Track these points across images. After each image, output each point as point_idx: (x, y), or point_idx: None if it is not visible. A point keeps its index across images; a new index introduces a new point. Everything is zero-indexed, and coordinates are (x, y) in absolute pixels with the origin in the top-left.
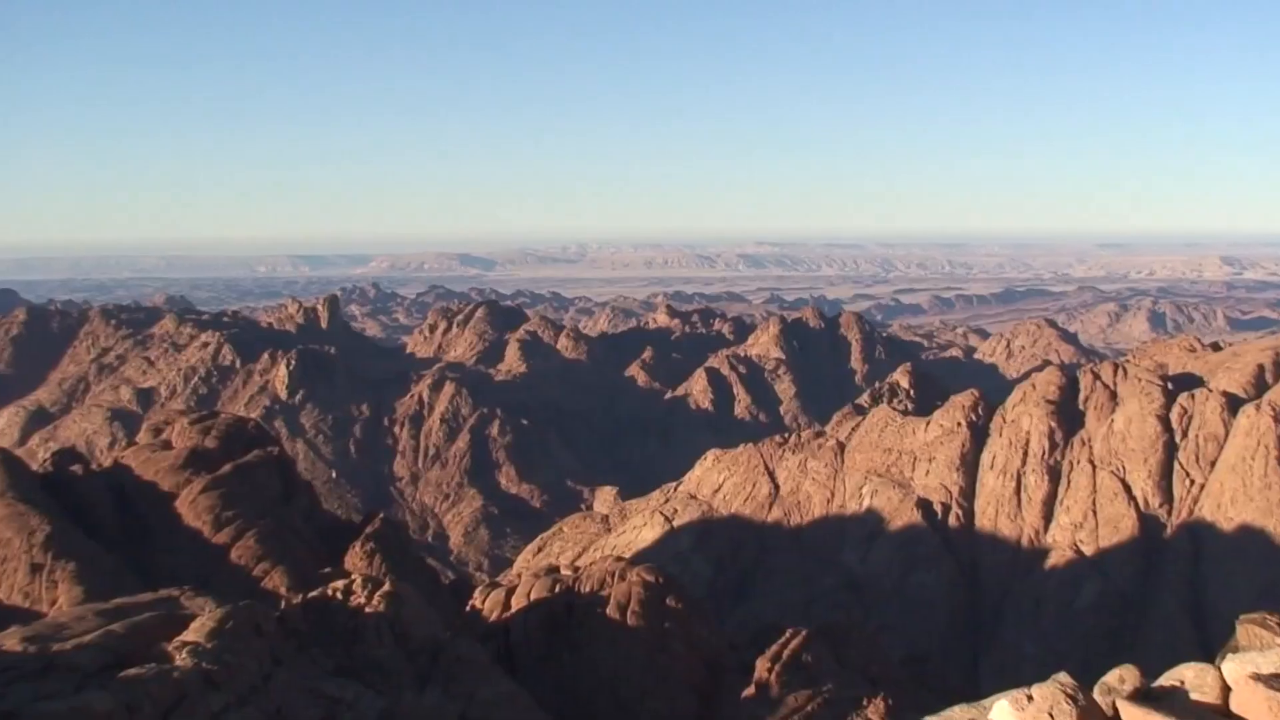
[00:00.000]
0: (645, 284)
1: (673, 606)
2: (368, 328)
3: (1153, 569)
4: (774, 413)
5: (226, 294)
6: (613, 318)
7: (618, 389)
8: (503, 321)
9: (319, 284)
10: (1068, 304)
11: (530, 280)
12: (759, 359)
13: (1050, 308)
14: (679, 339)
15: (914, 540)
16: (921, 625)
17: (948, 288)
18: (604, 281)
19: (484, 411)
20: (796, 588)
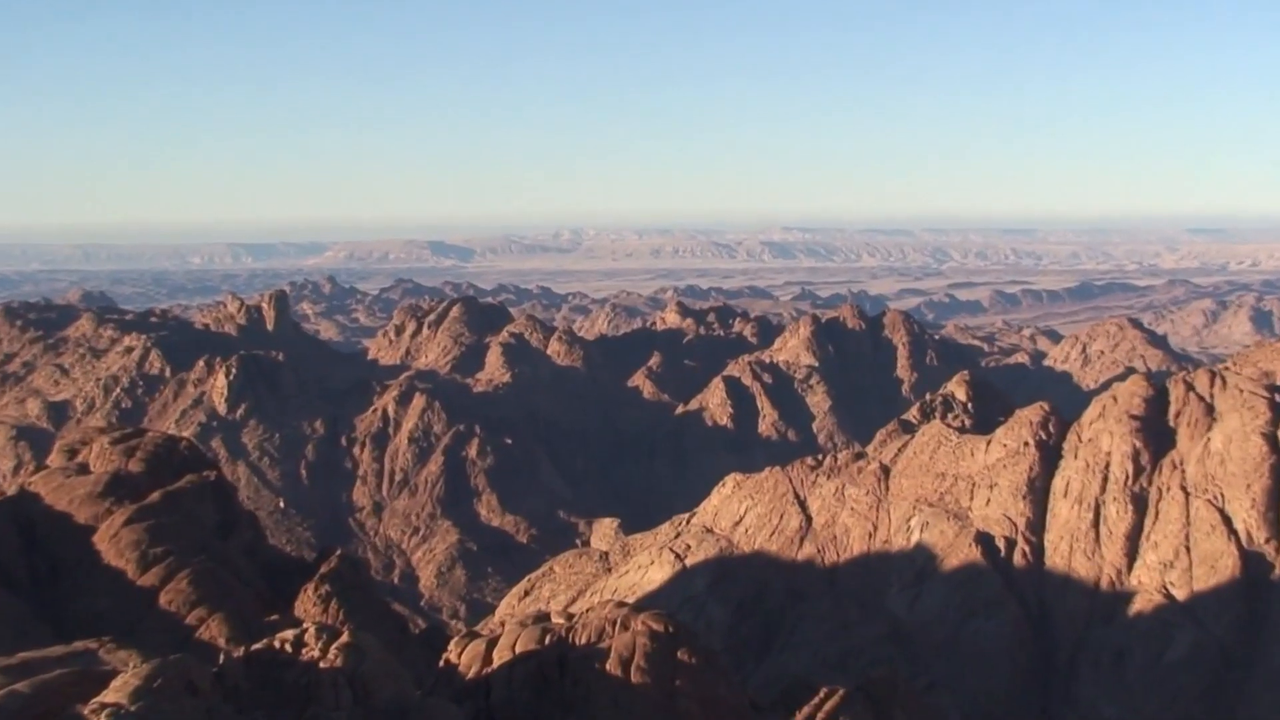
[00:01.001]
0: (651, 277)
1: (685, 660)
2: (322, 329)
3: (1258, 616)
4: (805, 430)
5: (154, 290)
6: (613, 317)
7: (619, 402)
8: (482, 322)
9: (264, 278)
10: (1155, 300)
11: (515, 273)
12: (787, 366)
13: (1134, 305)
14: (692, 342)
15: (972, 582)
16: (981, 682)
17: (1012, 281)
18: (603, 274)
19: (460, 429)
20: (832, 638)
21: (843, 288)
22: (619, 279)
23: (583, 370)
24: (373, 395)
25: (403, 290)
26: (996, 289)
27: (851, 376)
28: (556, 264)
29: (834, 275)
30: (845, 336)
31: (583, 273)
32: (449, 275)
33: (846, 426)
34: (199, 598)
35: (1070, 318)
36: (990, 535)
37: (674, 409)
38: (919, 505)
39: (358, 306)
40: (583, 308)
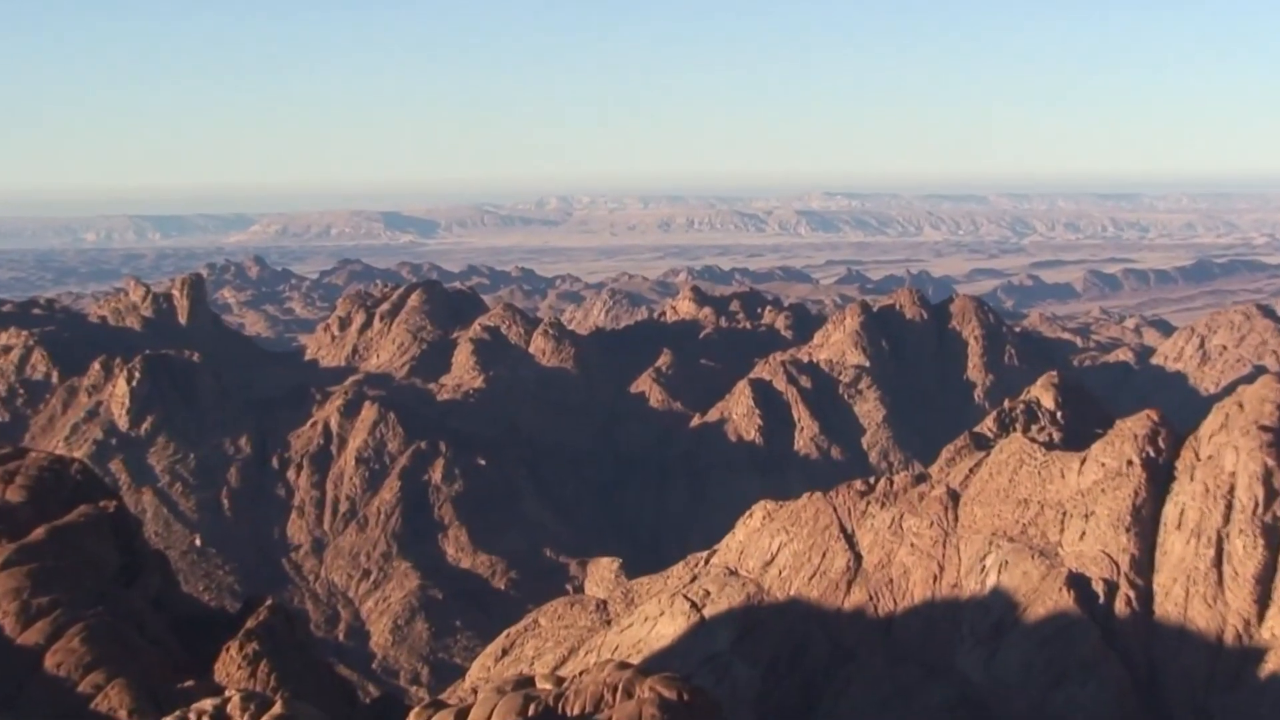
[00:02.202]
0: (660, 255)
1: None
2: (248, 323)
3: None
4: (853, 446)
5: (38, 274)
6: (612, 306)
7: (620, 412)
8: (448, 313)
9: (175, 258)
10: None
11: (489, 251)
12: (830, 367)
13: (1264, 288)
14: (710, 338)
15: (1063, 636)
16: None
17: (1111, 259)
18: (598, 252)
19: (421, 447)
20: (887, 706)
21: (899, 268)
22: (619, 258)
23: (574, 373)
24: (311, 405)
25: (348, 273)
26: (1091, 268)
27: (910, 379)
28: (541, 240)
29: (888, 253)
30: (902, 329)
31: (573, 251)
32: (406, 254)
33: (905, 442)
34: (95, 659)
35: (1184, 304)
36: (1085, 577)
37: (688, 421)
38: (996, 540)
39: (292, 294)
40: (574, 295)
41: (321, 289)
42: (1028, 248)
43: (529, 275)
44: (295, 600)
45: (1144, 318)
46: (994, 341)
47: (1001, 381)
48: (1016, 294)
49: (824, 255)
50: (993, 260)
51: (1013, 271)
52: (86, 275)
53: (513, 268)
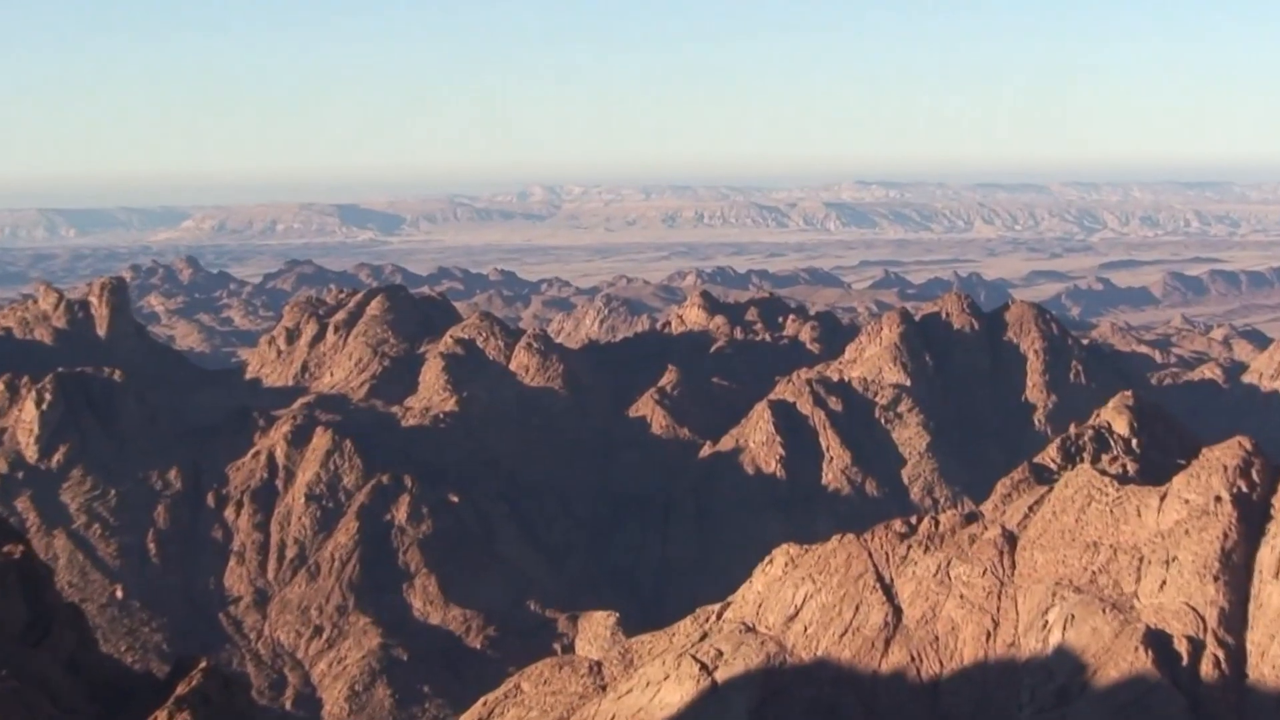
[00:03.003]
0: (664, 255)
1: None
2: (180, 334)
3: None
4: (891, 479)
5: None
6: (607, 315)
7: (617, 439)
8: (415, 322)
9: (94, 259)
10: None
11: (463, 251)
12: (865, 386)
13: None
14: (723, 351)
15: (1140, 702)
16: None
17: (1195, 259)
18: (592, 251)
19: (383, 480)
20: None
21: (945, 270)
22: (616, 258)
23: (563, 394)
24: (253, 432)
25: (297, 277)
26: (1172, 270)
27: (959, 401)
28: (524, 236)
29: (933, 251)
30: (950, 342)
31: (563, 250)
32: (365, 254)
33: (952, 475)
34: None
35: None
36: (1166, 634)
37: (697, 450)
38: (1061, 590)
39: (231, 301)
40: (563, 301)
41: (265, 295)
42: (1097, 245)
43: (510, 279)
44: (234, 662)
45: (1234, 328)
46: (1057, 356)
47: (1066, 403)
48: (1084, 300)
49: (857, 254)
50: (1056, 261)
51: (1079, 274)
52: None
53: (490, 270)
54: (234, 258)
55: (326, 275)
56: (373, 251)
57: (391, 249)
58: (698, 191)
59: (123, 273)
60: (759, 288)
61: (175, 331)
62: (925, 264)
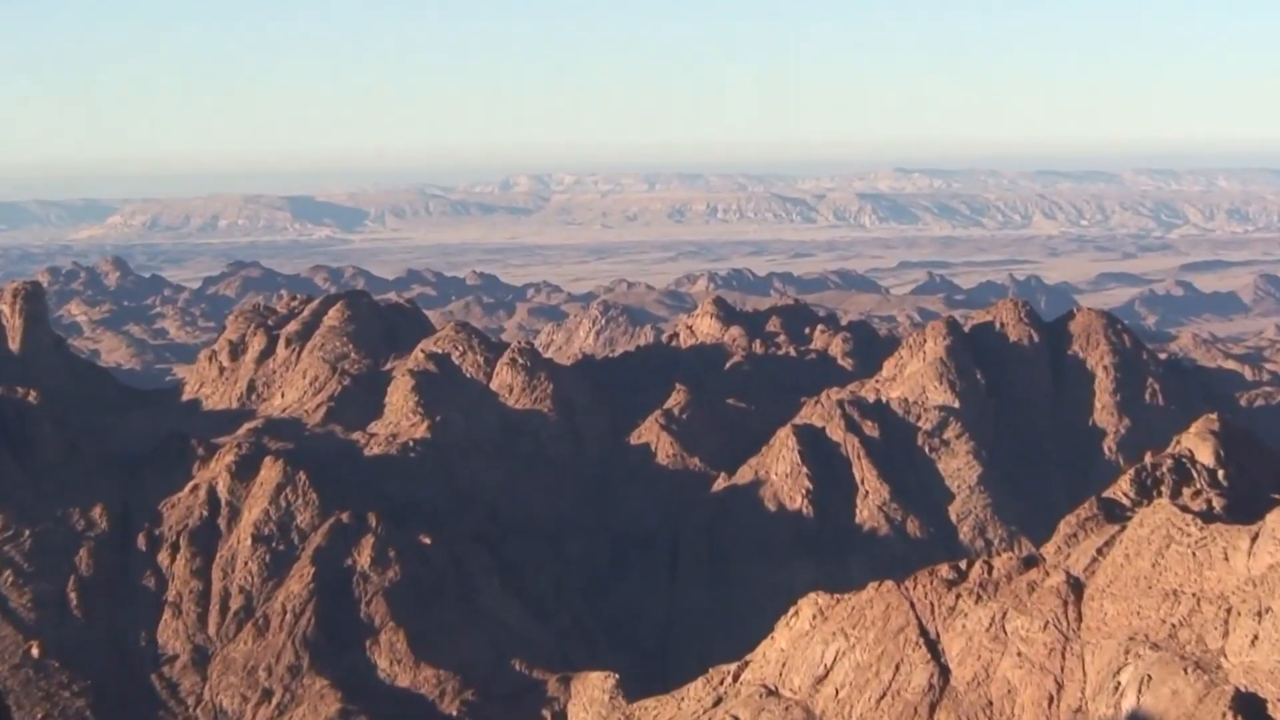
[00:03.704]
0: (671, 255)
1: None
2: (105, 348)
3: None
4: (937, 517)
5: None
6: (605, 326)
7: (617, 472)
8: (380, 335)
9: (4, 261)
10: None
11: (436, 250)
12: (906, 408)
13: None
14: (741, 368)
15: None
16: None
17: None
18: (586, 251)
19: (343, 519)
20: None
21: (999, 272)
22: (614, 259)
23: (553, 418)
24: (191, 463)
25: (242, 281)
26: (1264, 272)
27: (1016, 425)
28: (508, 234)
29: (984, 251)
30: (1005, 356)
31: (552, 249)
32: (321, 254)
33: (1008, 511)
34: None
35: None
36: (1259, 698)
37: (710, 483)
38: (1135, 646)
39: (166, 309)
40: (553, 310)
41: (205, 302)
42: (1177, 244)
43: (491, 283)
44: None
45: None
46: (1131, 373)
47: (1141, 428)
48: (1162, 307)
49: (896, 254)
50: (1128, 261)
51: (1156, 276)
52: None
53: (468, 273)
54: (169, 259)
55: (276, 279)
56: (330, 251)
57: (352, 248)
58: (710, 181)
59: (38, 276)
60: (782, 293)
61: (100, 345)
62: (976, 265)
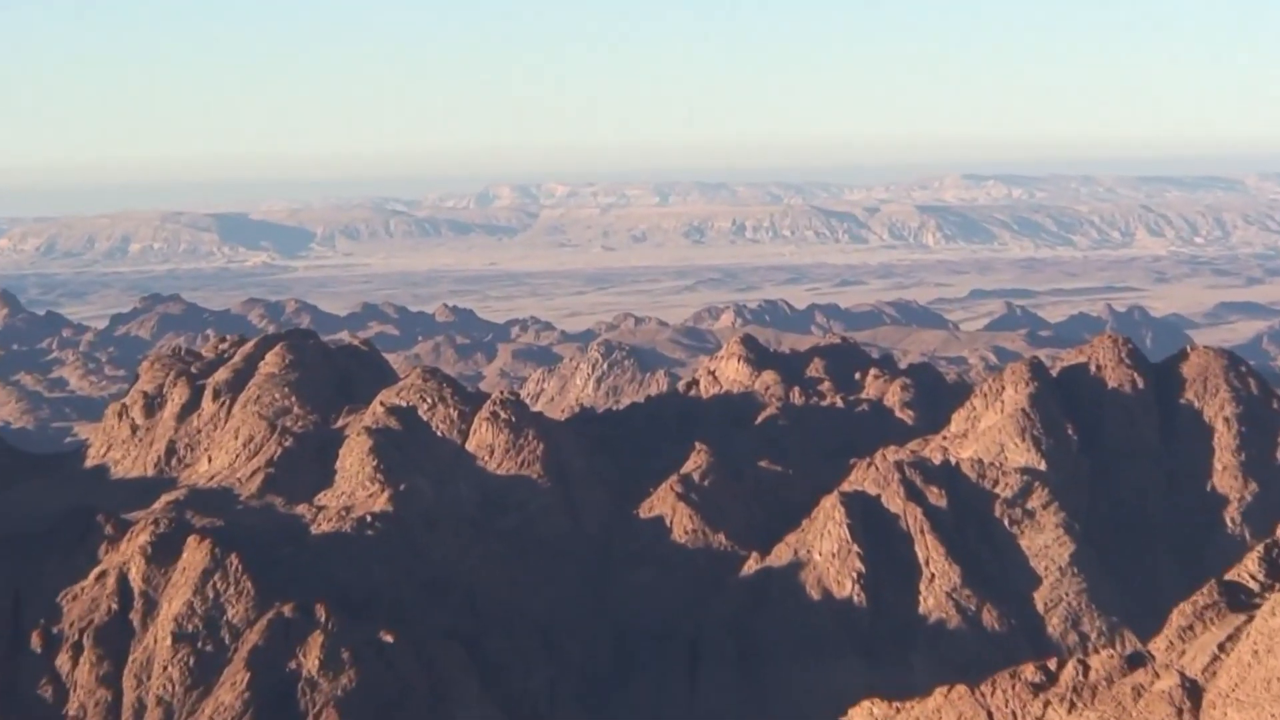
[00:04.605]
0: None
1: None
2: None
3: None
4: (1019, 607)
5: None
6: (608, 371)
7: (623, 550)
8: (331, 384)
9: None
10: None
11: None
12: (980, 471)
13: None
14: (775, 422)
15: None
16: None
17: None
18: (585, 279)
19: (285, 613)
20: None
21: (1094, 302)
22: (619, 289)
23: (544, 484)
24: (97, 543)
25: (159, 319)
26: None
27: (1116, 491)
28: (486, 258)
29: (1076, 275)
30: (1102, 406)
31: (541, 278)
32: (258, 285)
33: (1107, 599)
34: None
35: None
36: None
37: (739, 565)
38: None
39: (65, 354)
40: (543, 352)
41: (114, 345)
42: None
43: (466, 319)
44: None
45: None
46: (1257, 426)
47: (1271, 494)
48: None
49: (967, 281)
50: (1254, 289)
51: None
52: None
53: (438, 308)
54: (68, 291)
55: (201, 316)
56: (269, 282)
57: (296, 278)
58: (736, 192)
59: None
60: (826, 330)
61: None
62: (1065, 294)
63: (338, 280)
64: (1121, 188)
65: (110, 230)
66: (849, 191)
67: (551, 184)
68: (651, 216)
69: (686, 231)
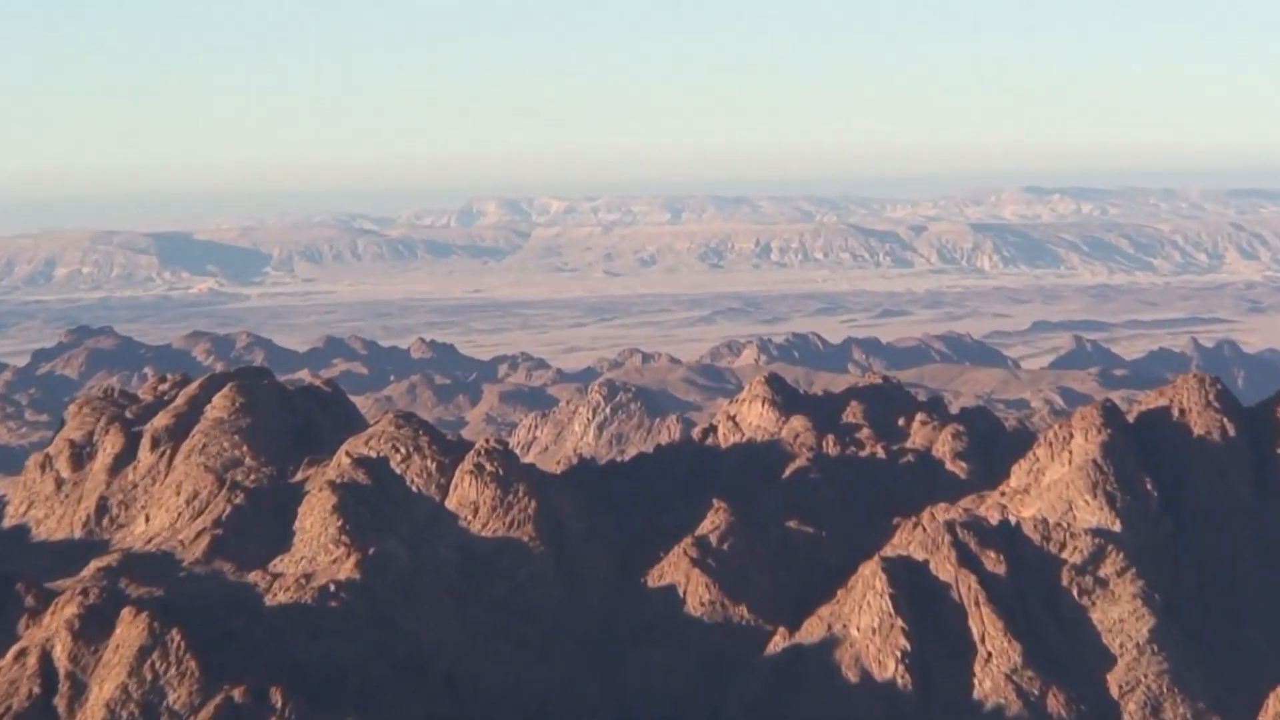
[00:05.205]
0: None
1: None
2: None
3: None
4: (1091, 689)
5: None
6: (610, 416)
7: (629, 625)
8: (289, 432)
9: None
10: None
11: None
12: (1044, 532)
13: None
14: (805, 474)
15: None
16: None
17: None
18: (585, 309)
19: (234, 697)
20: None
21: (1178, 336)
22: (623, 320)
23: (538, 548)
24: (16, 617)
25: (89, 355)
26: None
27: (1204, 556)
28: (469, 284)
29: (1155, 304)
30: (1187, 457)
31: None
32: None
33: (1193, 681)
34: None
35: None
36: None
37: (764, 642)
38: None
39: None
40: (536, 393)
41: (36, 385)
42: None
43: (445, 355)
44: None
45: None
46: None
47: None
48: None
49: (1028, 312)
50: None
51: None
52: None
53: (413, 342)
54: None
55: (138, 352)
56: (216, 312)
57: (248, 307)
58: (760, 207)
59: None
60: (865, 368)
61: None
62: (1143, 326)
63: (296, 310)
64: (1209, 203)
65: (32, 252)
66: (891, 207)
67: (545, 198)
68: (662, 236)
69: (702, 253)
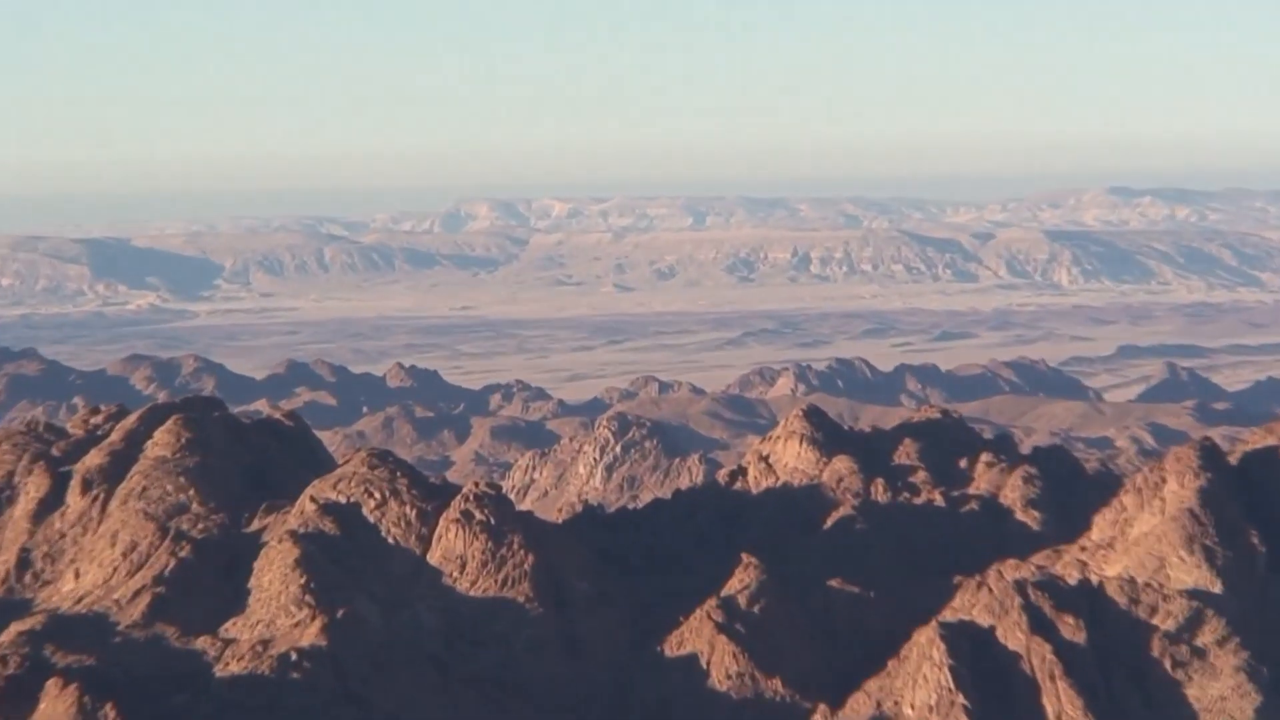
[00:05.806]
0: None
1: None
2: None
3: None
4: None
5: None
6: (622, 454)
7: (642, 701)
8: (243, 472)
9: None
10: None
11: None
12: (1132, 593)
13: None
14: (851, 524)
15: None
16: None
17: None
18: (590, 329)
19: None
20: None
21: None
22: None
23: (536, 611)
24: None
25: (8, 381)
26: None
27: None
28: (456, 299)
29: (1263, 327)
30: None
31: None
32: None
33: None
34: None
35: None
36: None
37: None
38: None
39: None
40: (534, 428)
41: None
42: None
43: (428, 382)
44: None
45: None
46: None
47: None
48: None
49: (1114, 334)
50: None
51: None
52: None
53: (390, 368)
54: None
55: (67, 378)
56: (158, 332)
57: (196, 326)
58: (797, 211)
59: None
60: (921, 400)
61: None
62: (1248, 352)
63: (253, 330)
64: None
65: None
66: (952, 211)
67: (546, 199)
68: (682, 244)
69: (730, 264)
